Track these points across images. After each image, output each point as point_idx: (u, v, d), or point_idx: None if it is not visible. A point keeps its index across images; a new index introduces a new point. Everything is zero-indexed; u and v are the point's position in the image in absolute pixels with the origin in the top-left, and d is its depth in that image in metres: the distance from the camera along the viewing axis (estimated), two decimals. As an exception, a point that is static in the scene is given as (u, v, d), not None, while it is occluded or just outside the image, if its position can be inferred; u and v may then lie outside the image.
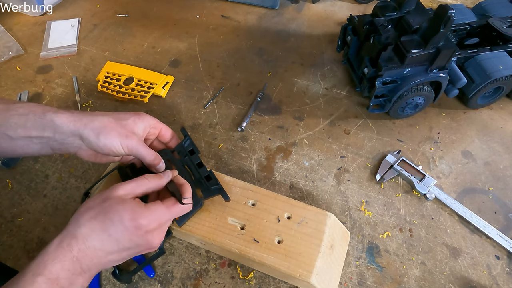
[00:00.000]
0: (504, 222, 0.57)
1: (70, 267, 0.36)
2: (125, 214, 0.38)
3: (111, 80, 0.75)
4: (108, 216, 0.38)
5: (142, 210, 0.39)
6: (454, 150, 0.65)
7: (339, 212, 0.58)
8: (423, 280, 0.52)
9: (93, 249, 0.37)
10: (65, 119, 0.43)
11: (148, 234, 0.39)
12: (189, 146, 0.54)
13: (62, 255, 0.36)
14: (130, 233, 0.38)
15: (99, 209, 0.39)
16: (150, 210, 0.40)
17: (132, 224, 0.38)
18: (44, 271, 0.35)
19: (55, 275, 0.35)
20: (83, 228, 0.37)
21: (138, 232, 0.38)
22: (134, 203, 0.40)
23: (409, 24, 0.59)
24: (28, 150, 0.45)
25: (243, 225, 0.49)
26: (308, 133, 0.68)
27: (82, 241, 0.37)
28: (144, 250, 0.41)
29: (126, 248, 0.39)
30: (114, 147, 0.44)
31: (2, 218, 0.58)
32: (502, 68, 0.62)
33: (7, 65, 0.80)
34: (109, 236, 0.37)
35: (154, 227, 0.40)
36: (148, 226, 0.39)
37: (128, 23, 0.89)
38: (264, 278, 0.52)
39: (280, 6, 0.92)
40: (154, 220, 0.40)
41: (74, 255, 0.36)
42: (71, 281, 0.36)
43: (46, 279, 0.35)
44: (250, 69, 0.79)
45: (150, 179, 0.44)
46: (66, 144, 0.45)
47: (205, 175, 0.51)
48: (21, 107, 0.44)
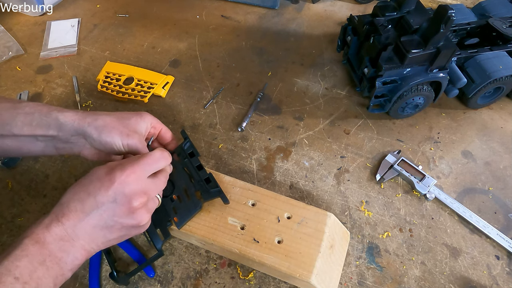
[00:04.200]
0: (504, 222, 0.57)
1: (56, 232, 0.36)
2: (102, 171, 0.39)
3: (111, 80, 0.75)
4: (89, 178, 0.39)
5: (117, 165, 0.40)
6: (454, 150, 0.65)
7: (339, 212, 0.58)
8: (423, 280, 0.52)
9: (75, 212, 0.37)
10: (69, 117, 0.44)
11: (124, 185, 0.38)
12: (189, 148, 0.54)
13: (48, 220, 0.37)
14: (106, 187, 0.38)
15: (83, 177, 0.40)
16: (123, 163, 0.40)
17: (107, 177, 0.38)
18: (31, 235, 0.35)
19: (42, 238, 0.36)
20: (67, 194, 0.39)
21: (112, 184, 0.38)
22: (112, 163, 0.40)
23: (409, 24, 0.59)
24: (33, 148, 0.46)
25: (243, 225, 0.49)
26: (308, 133, 0.68)
27: (66, 205, 0.38)
28: (125, 211, 0.39)
29: (105, 208, 0.38)
30: (115, 144, 0.45)
31: (2, 218, 0.58)
32: (502, 68, 0.62)
33: (7, 65, 0.80)
34: (88, 194, 0.38)
35: (130, 179, 0.39)
36: (121, 176, 0.38)
37: (128, 23, 0.89)
38: (264, 278, 0.52)
39: (280, 6, 0.92)
40: (129, 170, 0.39)
41: (59, 219, 0.37)
42: (60, 247, 0.36)
43: (34, 242, 0.35)
44: (250, 69, 0.79)
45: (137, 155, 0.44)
46: (70, 143, 0.46)
47: (205, 177, 0.51)
48: (27, 106, 0.45)
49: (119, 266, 0.53)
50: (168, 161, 0.45)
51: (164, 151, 0.45)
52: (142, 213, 0.41)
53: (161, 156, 0.43)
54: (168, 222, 0.49)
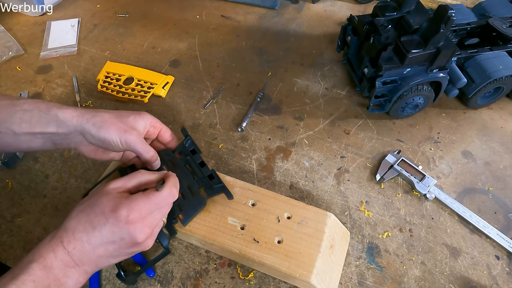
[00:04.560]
0: (504, 222, 0.57)
1: (62, 258, 0.37)
2: (107, 205, 0.39)
3: (111, 80, 0.75)
4: (93, 209, 0.39)
5: (123, 200, 0.39)
6: (454, 150, 0.65)
7: (339, 212, 0.58)
8: (423, 280, 0.52)
9: (81, 241, 0.37)
10: (69, 114, 0.44)
11: (130, 225, 0.38)
12: (190, 146, 0.54)
13: (55, 245, 0.37)
14: (111, 224, 0.38)
15: (88, 203, 0.40)
16: (130, 199, 0.40)
17: (112, 214, 0.38)
18: (39, 259, 0.36)
19: (49, 263, 0.36)
20: (72, 220, 0.38)
21: (119, 223, 0.38)
22: (118, 195, 0.40)
23: (409, 24, 0.59)
24: (31, 145, 0.46)
25: (243, 225, 0.49)
26: (308, 133, 0.68)
27: (71, 232, 0.38)
28: (130, 245, 0.40)
29: (111, 241, 0.38)
30: (113, 141, 0.44)
31: (2, 218, 0.58)
32: (502, 68, 0.62)
33: (7, 65, 0.80)
34: (93, 228, 0.38)
35: (135, 218, 0.39)
36: (128, 215, 0.38)
37: (128, 23, 0.89)
38: (264, 278, 0.52)
39: (280, 6, 0.92)
40: (135, 210, 0.39)
41: (64, 246, 0.37)
42: (65, 273, 0.37)
43: (41, 266, 0.35)
44: (250, 69, 0.79)
45: (143, 173, 0.44)
46: (68, 139, 0.46)
47: (208, 174, 0.52)
48: (25, 103, 0.45)
49: (124, 267, 0.53)
50: (175, 197, 0.44)
51: (173, 187, 0.44)
52: (148, 242, 0.41)
53: (169, 194, 0.43)
54: (173, 220, 0.49)
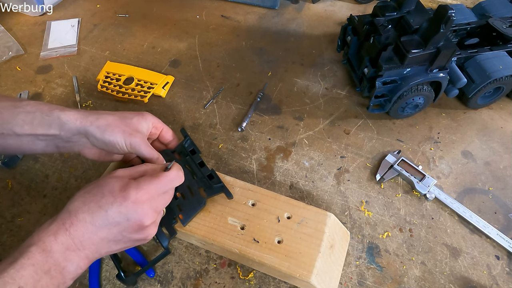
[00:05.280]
0: (504, 222, 0.57)
1: (63, 241, 0.36)
2: (116, 185, 0.39)
3: (111, 80, 0.75)
4: (100, 189, 0.38)
5: (132, 182, 0.40)
6: (454, 150, 0.65)
7: (339, 212, 0.58)
8: (423, 280, 0.52)
9: (84, 222, 0.37)
10: (72, 116, 0.44)
11: (138, 205, 0.38)
12: (190, 146, 0.54)
13: (56, 228, 0.36)
14: (119, 204, 0.38)
15: (94, 185, 0.39)
16: (138, 181, 0.40)
17: (121, 194, 0.38)
18: (38, 242, 0.35)
19: (49, 247, 0.35)
20: (76, 202, 0.38)
21: (127, 202, 0.38)
22: (127, 179, 0.40)
23: (409, 24, 0.59)
24: (34, 147, 0.46)
25: (243, 225, 0.49)
26: (308, 133, 0.68)
27: (74, 214, 0.37)
28: (135, 228, 0.39)
29: (116, 223, 0.38)
30: (118, 144, 0.44)
31: (2, 218, 0.58)
32: (502, 68, 0.62)
33: (7, 65, 0.80)
34: (99, 207, 0.37)
35: (143, 197, 0.39)
36: (137, 196, 0.38)
37: (128, 23, 0.89)
38: (264, 278, 0.52)
39: (280, 6, 0.92)
40: (143, 189, 0.39)
41: (66, 228, 0.36)
42: (65, 257, 0.36)
43: (40, 250, 0.35)
44: (250, 69, 0.79)
45: (149, 165, 0.44)
46: (71, 142, 0.46)
47: (207, 174, 0.52)
48: (28, 104, 0.45)
49: (124, 267, 0.53)
50: (182, 179, 0.44)
51: (179, 170, 0.44)
52: (151, 228, 0.41)
53: (176, 176, 0.43)
54: (173, 220, 0.49)
